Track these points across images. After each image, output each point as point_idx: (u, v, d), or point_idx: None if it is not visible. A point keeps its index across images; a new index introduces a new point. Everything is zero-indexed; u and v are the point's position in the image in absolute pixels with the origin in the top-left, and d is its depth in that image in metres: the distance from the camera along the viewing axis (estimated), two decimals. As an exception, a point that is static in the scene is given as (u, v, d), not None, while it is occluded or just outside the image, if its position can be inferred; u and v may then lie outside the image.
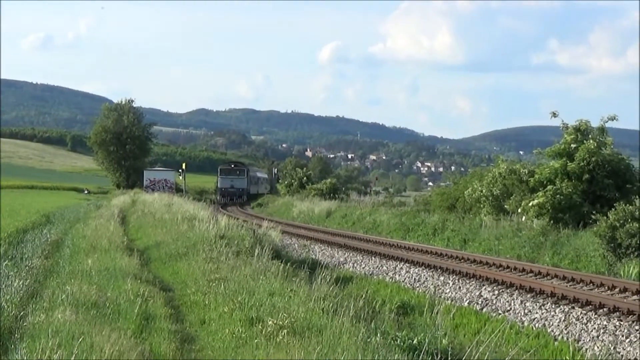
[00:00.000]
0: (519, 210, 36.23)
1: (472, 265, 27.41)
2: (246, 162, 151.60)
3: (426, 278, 26.43)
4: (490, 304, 21.75)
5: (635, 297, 20.12)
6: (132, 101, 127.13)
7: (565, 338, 17.68)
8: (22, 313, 14.27)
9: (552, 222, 33.11)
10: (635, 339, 16.33)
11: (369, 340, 12.06)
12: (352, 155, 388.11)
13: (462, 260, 29.16)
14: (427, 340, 13.48)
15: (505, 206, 38.48)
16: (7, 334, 12.71)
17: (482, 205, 40.90)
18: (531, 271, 25.53)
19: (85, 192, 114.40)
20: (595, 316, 18.39)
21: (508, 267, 26.65)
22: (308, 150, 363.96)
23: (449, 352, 11.31)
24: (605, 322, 17.78)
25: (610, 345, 16.28)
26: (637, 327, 17.01)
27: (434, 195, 59.67)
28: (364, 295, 17.10)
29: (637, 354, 15.58)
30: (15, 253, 24.18)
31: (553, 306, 19.96)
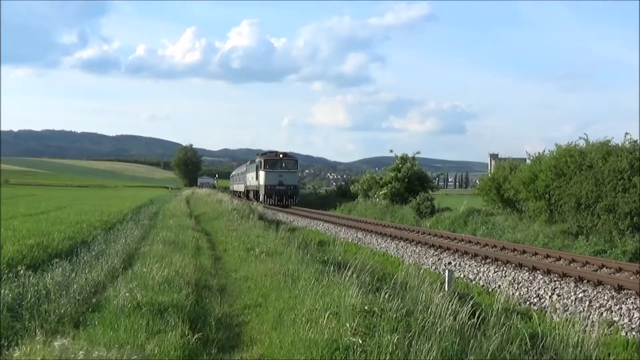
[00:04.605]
0: (375, 196, 36.60)
1: (353, 222, 27.52)
2: None
3: (331, 228, 26.41)
4: (362, 240, 21.85)
5: (429, 235, 20.44)
6: (192, 145, 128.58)
7: (396, 255, 17.88)
8: (138, 246, 14.04)
9: (390, 201, 33.52)
10: (429, 256, 16.58)
11: (304, 258, 12.10)
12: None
13: (348, 220, 29.18)
14: (331, 257, 13.57)
15: (369, 194, 38.84)
16: (131, 256, 12.51)
17: (359, 194, 41.23)
18: (381, 224, 25.75)
19: (169, 188, 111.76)
20: (410, 246, 18.60)
21: (370, 222, 26.84)
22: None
23: (341, 263, 11.36)
24: (414, 248, 18.00)
25: (417, 258, 16.51)
26: (430, 251, 17.26)
27: (336, 190, 59.76)
28: (302, 237, 17.10)
29: (430, 263, 15.80)
30: (135, 218, 23.74)
31: (391, 241, 20.16)
